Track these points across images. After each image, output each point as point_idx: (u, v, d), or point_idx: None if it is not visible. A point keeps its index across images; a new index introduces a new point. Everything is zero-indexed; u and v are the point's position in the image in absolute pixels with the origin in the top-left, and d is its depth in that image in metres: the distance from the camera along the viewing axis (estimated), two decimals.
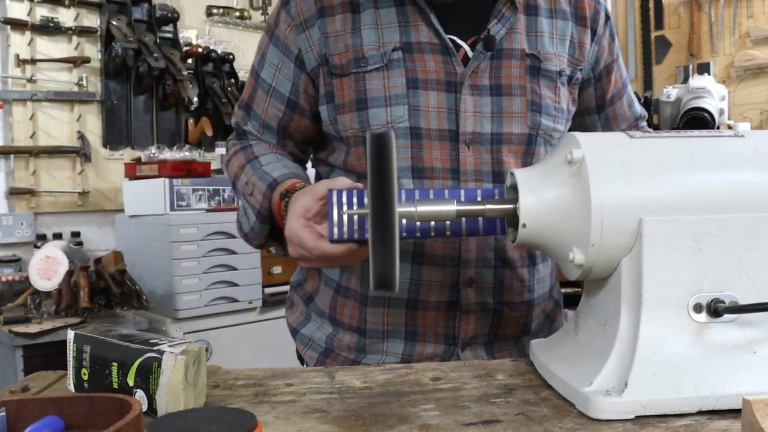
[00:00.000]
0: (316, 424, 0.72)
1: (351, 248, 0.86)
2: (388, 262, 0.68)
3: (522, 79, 1.04)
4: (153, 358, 0.74)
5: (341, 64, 1.03)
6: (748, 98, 3.37)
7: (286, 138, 1.13)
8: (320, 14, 1.05)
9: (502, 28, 1.04)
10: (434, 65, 1.02)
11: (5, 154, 3.08)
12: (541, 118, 1.05)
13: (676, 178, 0.75)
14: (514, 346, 1.11)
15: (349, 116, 1.03)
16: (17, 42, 3.10)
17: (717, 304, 0.72)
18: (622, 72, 1.20)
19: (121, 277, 2.65)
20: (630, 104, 1.22)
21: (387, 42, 1.02)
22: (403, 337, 1.07)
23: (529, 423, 0.70)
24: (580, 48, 1.10)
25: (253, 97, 1.13)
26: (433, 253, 1.03)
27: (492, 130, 1.02)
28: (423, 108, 1.01)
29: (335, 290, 1.11)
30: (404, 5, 1.03)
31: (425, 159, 1.01)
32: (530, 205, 0.77)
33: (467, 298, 1.04)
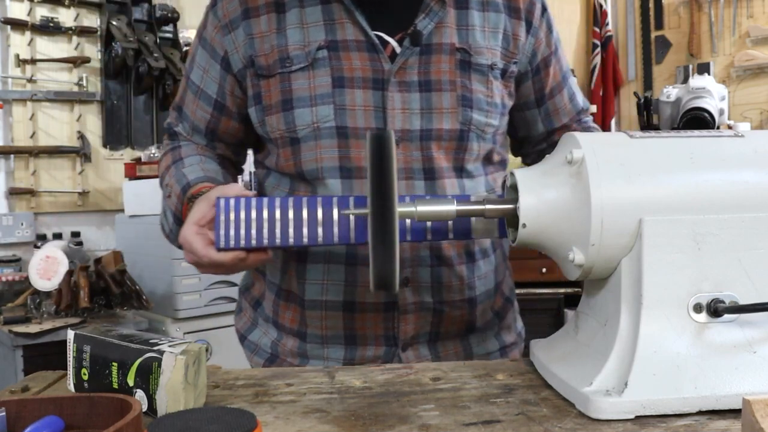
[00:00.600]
0: (316, 424, 0.72)
1: (238, 256, 0.86)
2: (388, 262, 0.68)
3: (452, 74, 1.02)
4: (153, 358, 0.74)
5: (267, 65, 1.02)
6: (748, 98, 3.37)
7: (216, 140, 1.13)
8: (245, 15, 1.04)
9: (430, 22, 1.02)
10: (360, 63, 1.00)
11: (5, 154, 3.08)
12: (472, 113, 1.03)
13: (676, 178, 0.75)
14: (460, 344, 1.10)
15: (275, 117, 1.02)
16: (17, 42, 3.10)
17: (717, 304, 0.72)
18: (562, 64, 1.17)
19: (121, 277, 2.65)
20: (571, 97, 1.19)
21: (312, 41, 1.01)
22: (342, 341, 1.05)
23: (529, 423, 0.70)
24: (514, 40, 1.08)
25: (183, 99, 1.13)
26: (365, 254, 1.01)
27: (421, 127, 1.01)
28: (349, 107, 1.00)
29: (276, 294, 1.10)
30: (330, 3, 1.02)
31: (353, 158, 1.00)
32: (530, 205, 0.77)
33: (404, 298, 1.03)
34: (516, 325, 1.20)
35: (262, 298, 1.14)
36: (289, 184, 1.06)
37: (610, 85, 3.72)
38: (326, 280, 1.03)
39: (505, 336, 1.16)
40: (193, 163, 1.07)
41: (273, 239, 0.86)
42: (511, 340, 1.17)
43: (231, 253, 0.87)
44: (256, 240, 0.86)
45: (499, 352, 1.14)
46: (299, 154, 1.02)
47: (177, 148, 1.12)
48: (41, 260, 2.53)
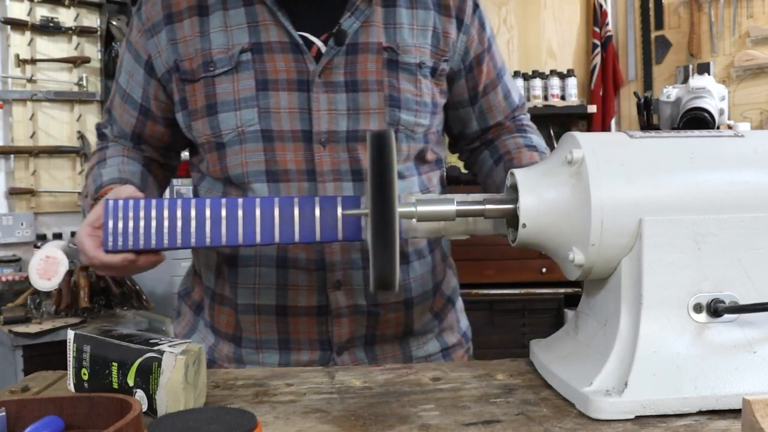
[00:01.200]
0: (316, 424, 0.72)
1: (127, 258, 0.86)
2: (388, 263, 0.68)
3: (379, 74, 1.01)
4: (153, 358, 0.74)
5: (191, 70, 1.01)
6: (748, 98, 3.37)
7: (143, 143, 1.12)
8: (168, 20, 1.03)
9: (356, 21, 1.01)
10: (285, 65, 0.99)
11: (5, 154, 3.08)
12: (400, 113, 1.02)
13: (676, 178, 0.75)
14: (399, 347, 1.09)
15: (201, 122, 1.02)
16: (17, 42, 3.10)
17: (717, 304, 0.72)
18: (497, 61, 1.15)
19: (121, 277, 2.65)
20: (506, 95, 1.16)
21: (236, 44, 1.00)
22: (276, 346, 1.04)
23: (529, 423, 0.70)
24: (444, 38, 1.06)
25: (113, 102, 1.13)
26: (296, 257, 1.00)
27: (348, 128, 1.00)
28: (274, 109, 0.99)
29: (211, 298, 1.09)
30: (253, 5, 1.01)
31: (279, 161, 0.99)
32: (530, 205, 0.77)
33: (337, 301, 1.02)
34: (459, 325, 1.18)
35: (202, 302, 1.12)
36: (221, 189, 1.04)
37: (610, 85, 3.72)
38: (257, 284, 1.02)
39: (447, 337, 1.15)
40: (113, 164, 1.06)
41: (161, 241, 0.85)
42: (454, 341, 1.16)
43: (120, 255, 0.86)
44: (144, 242, 0.85)
45: (441, 354, 1.13)
46: (225, 159, 1.01)
47: (104, 149, 1.12)
48: (41, 260, 2.53)
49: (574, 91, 3.56)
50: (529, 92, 3.55)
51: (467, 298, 1.23)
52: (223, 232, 0.85)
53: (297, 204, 0.85)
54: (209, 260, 1.08)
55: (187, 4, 1.03)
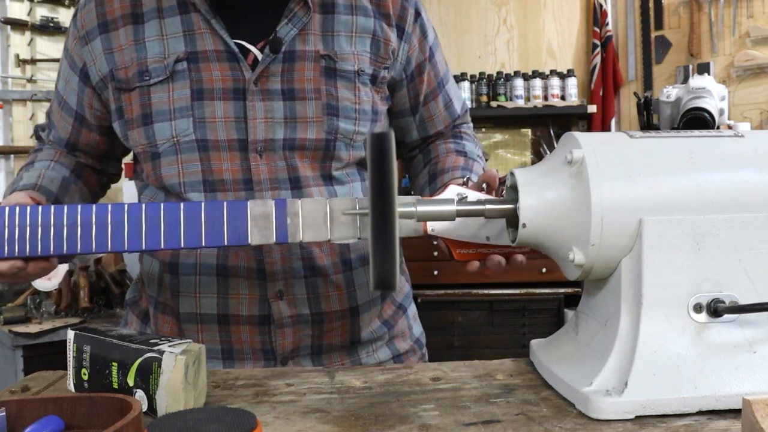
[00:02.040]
0: (316, 424, 0.72)
1: (16, 264, 0.85)
2: (388, 262, 0.68)
3: (316, 82, 1.00)
4: (153, 358, 0.74)
5: (126, 78, 1.00)
6: (748, 98, 3.37)
7: (77, 150, 1.11)
8: (103, 29, 1.02)
9: (292, 28, 1.00)
10: (220, 74, 0.98)
11: (5, 154, 3.08)
12: (338, 122, 1.01)
13: (676, 178, 0.75)
14: (347, 356, 1.08)
15: (137, 131, 1.01)
16: (17, 42, 3.10)
17: (717, 304, 0.72)
18: (438, 70, 1.14)
19: (121, 277, 2.66)
20: (447, 104, 1.16)
21: (171, 53, 0.99)
22: (220, 356, 1.03)
23: (529, 423, 0.70)
24: (385, 46, 1.05)
25: (52, 108, 1.12)
26: (237, 265, 1.00)
27: (285, 136, 0.99)
28: (209, 119, 0.98)
29: (155, 307, 1.08)
30: (189, 13, 1.00)
31: (215, 171, 0.99)
32: (530, 205, 0.77)
33: (279, 311, 1.01)
34: (412, 332, 1.17)
35: (148, 311, 1.11)
36: (163, 197, 1.04)
37: (610, 85, 3.72)
38: (199, 293, 1.01)
39: (398, 344, 1.14)
40: (37, 169, 1.05)
41: (47, 247, 0.84)
42: (406, 348, 1.15)
43: (7, 262, 0.85)
44: (30, 248, 0.85)
45: (392, 361, 1.12)
46: (160, 169, 1.01)
47: (38, 151, 1.12)
48: None
49: (574, 91, 3.56)
50: (529, 92, 3.55)
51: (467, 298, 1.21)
52: (108, 238, 0.84)
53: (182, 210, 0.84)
54: (152, 269, 1.07)
55: (121, 12, 1.02)
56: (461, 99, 1.20)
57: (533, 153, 3.73)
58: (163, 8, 1.01)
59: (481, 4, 3.79)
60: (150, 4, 1.01)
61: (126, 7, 1.02)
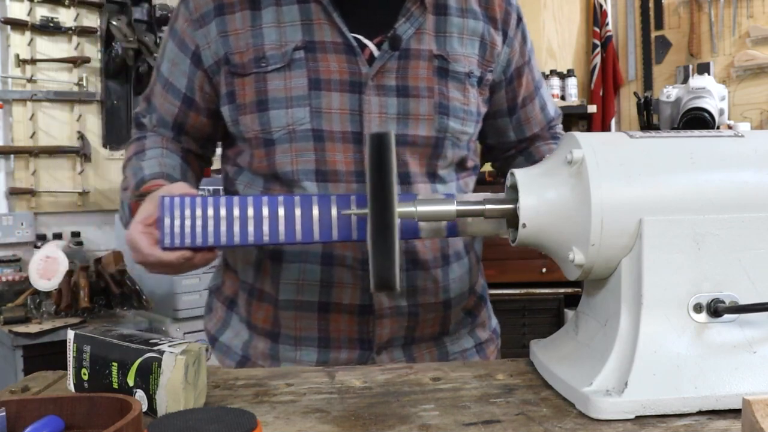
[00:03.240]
0: (316, 424, 0.72)
1: (184, 255, 0.86)
2: (388, 262, 0.68)
3: (429, 81, 1.02)
4: (153, 358, 0.74)
5: (242, 63, 1.00)
6: (748, 98, 3.37)
7: (182, 134, 1.11)
8: (218, 11, 1.02)
9: (410, 27, 1.01)
10: (338, 65, 0.99)
11: (5, 154, 3.08)
12: (448, 121, 1.03)
13: (676, 178, 0.75)
14: (434, 346, 1.10)
15: (250, 117, 1.01)
16: (17, 42, 3.10)
17: (717, 304, 0.72)
18: (535, 74, 1.17)
19: (121, 277, 2.66)
20: (542, 107, 1.19)
21: (288, 41, 0.99)
22: (316, 344, 1.04)
23: (529, 423, 0.70)
24: (491, 49, 1.08)
25: (153, 91, 1.12)
26: (343, 254, 1.00)
27: (397, 132, 1.00)
28: (325, 110, 0.99)
29: (249, 293, 1.08)
30: (307, 3, 1.00)
31: (329, 162, 0.99)
32: (530, 205, 0.77)
33: (380, 302, 1.02)
34: (490, 322, 1.20)
35: (236, 297, 1.12)
36: (262, 184, 1.04)
37: (610, 85, 3.72)
38: (301, 281, 1.02)
39: (479, 333, 1.17)
40: (153, 157, 1.05)
41: (218, 238, 0.85)
42: (486, 337, 1.18)
43: (177, 252, 0.86)
44: (202, 239, 0.85)
45: (475, 349, 1.15)
46: (274, 156, 1.01)
47: (142, 139, 1.11)
48: (41, 260, 2.53)
49: (574, 91, 3.56)
50: None
51: None
52: (280, 230, 0.85)
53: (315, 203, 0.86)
54: (248, 255, 1.07)
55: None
56: (553, 102, 1.24)
57: None
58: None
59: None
60: None
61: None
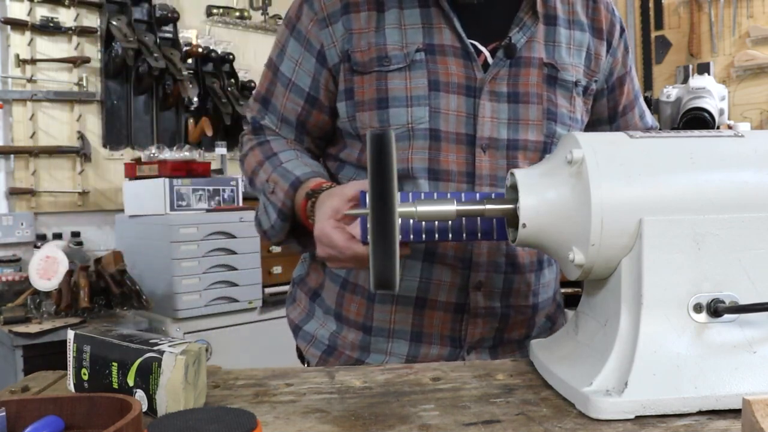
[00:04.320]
0: (316, 424, 0.72)
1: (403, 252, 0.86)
2: (388, 262, 0.68)
3: (539, 88, 1.05)
4: (153, 358, 0.74)
5: (363, 62, 1.03)
6: (748, 98, 3.37)
7: (304, 133, 1.13)
8: (345, 10, 1.05)
9: (522, 36, 1.05)
10: (456, 69, 1.02)
11: (5, 154, 3.08)
12: (556, 127, 1.06)
13: (676, 178, 0.75)
14: (517, 348, 1.12)
15: (368, 114, 1.03)
16: (17, 42, 3.10)
17: (717, 304, 0.72)
18: (635, 84, 1.21)
19: (121, 277, 2.65)
20: (641, 115, 1.23)
21: (410, 42, 1.02)
22: (408, 338, 1.06)
23: (529, 423, 0.70)
24: (596, 59, 1.12)
25: (271, 91, 1.12)
26: (445, 253, 1.03)
27: (508, 136, 1.03)
28: (443, 111, 1.02)
29: (341, 286, 1.10)
30: (428, 7, 1.04)
31: (441, 161, 1.02)
32: (530, 205, 0.77)
33: (476, 301, 1.04)
34: None
35: (320, 289, 1.14)
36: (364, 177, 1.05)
37: None
38: (401, 275, 1.02)
39: None
40: (291, 158, 1.07)
41: (419, 233, 0.87)
42: None
43: None
44: (403, 233, 0.86)
45: None
46: None
47: (265, 142, 1.12)
48: (41, 260, 2.53)
49: None
50: None
51: None
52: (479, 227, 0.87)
53: None
54: None
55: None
56: (650, 113, 1.27)
57: None
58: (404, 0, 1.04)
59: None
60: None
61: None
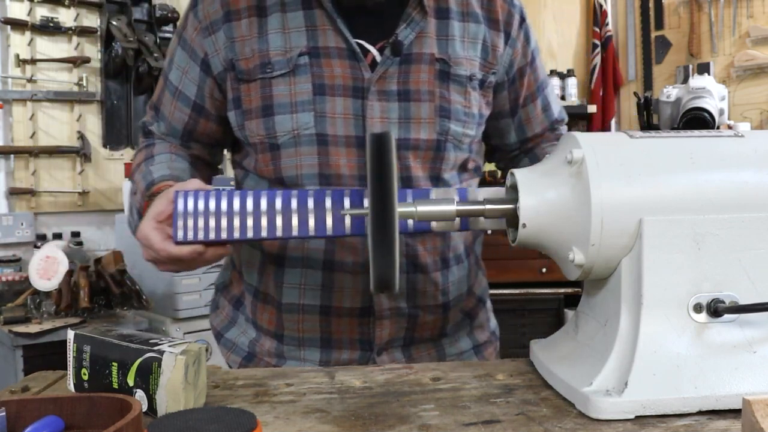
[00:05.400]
0: (316, 424, 0.72)
1: (196, 250, 0.86)
2: (388, 263, 0.68)
3: (431, 84, 1.02)
4: (153, 358, 0.74)
5: (248, 69, 1.02)
6: (748, 98, 3.36)
7: (192, 141, 1.12)
8: (226, 18, 1.03)
9: (411, 32, 1.02)
10: (341, 70, 1.00)
11: (5, 154, 3.08)
12: (450, 124, 1.03)
13: (676, 178, 0.75)
14: (433, 347, 1.11)
15: (255, 122, 1.02)
16: (17, 42, 3.10)
17: (717, 304, 0.72)
18: (538, 74, 1.17)
19: (121, 277, 2.66)
20: (545, 107, 1.19)
21: (294, 47, 1.01)
22: (319, 344, 1.06)
23: (529, 423, 0.70)
24: (493, 51, 1.09)
25: (161, 99, 1.12)
26: (343, 260, 1.02)
27: (399, 136, 1.01)
28: (329, 114, 1.00)
29: (254, 295, 1.10)
30: (312, 9, 1.02)
31: (332, 166, 1.00)
32: (530, 205, 0.77)
33: (380, 304, 1.04)
34: (489, 324, 1.21)
35: (242, 297, 1.14)
36: (267, 187, 1.05)
37: (610, 85, 3.72)
38: (303, 285, 1.04)
39: (477, 335, 1.17)
40: (162, 161, 1.06)
41: (231, 232, 0.85)
42: (485, 339, 1.18)
43: (189, 247, 0.86)
44: (215, 233, 0.85)
45: (473, 351, 1.16)
46: (279, 160, 1.02)
47: (150, 146, 1.12)
48: (41, 260, 2.53)
49: (574, 91, 3.56)
50: None
51: None
52: (293, 224, 0.85)
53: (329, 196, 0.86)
54: (252, 258, 1.09)
55: (246, 3, 1.03)
56: (559, 104, 1.24)
57: None
58: (286, 2, 1.03)
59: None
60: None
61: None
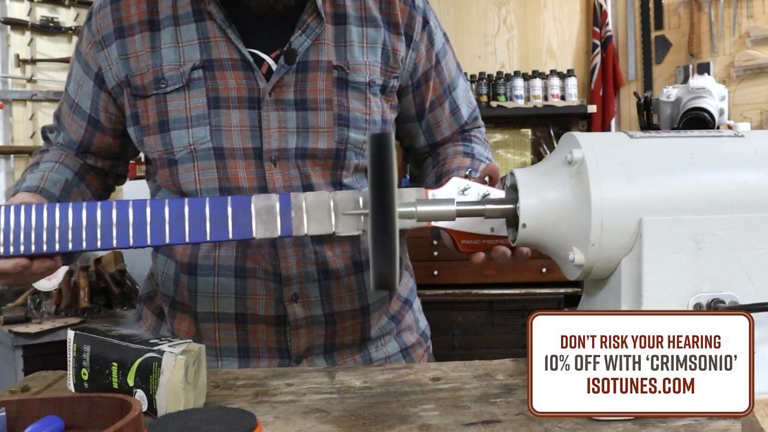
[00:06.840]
0: (316, 424, 0.72)
1: (20, 263, 0.84)
2: (388, 262, 0.68)
3: (328, 93, 1.01)
4: (153, 358, 0.74)
5: (143, 85, 1.01)
6: (748, 98, 3.36)
7: (89, 153, 1.11)
8: (119, 34, 1.02)
9: (306, 39, 1.01)
10: (236, 82, 0.99)
11: (5, 154, 3.08)
12: (349, 132, 1.02)
13: (676, 178, 0.75)
14: (357, 352, 1.10)
15: (153, 138, 1.02)
16: (17, 42, 3.10)
17: (717, 304, 0.72)
18: (444, 77, 1.14)
19: (121, 277, 2.66)
20: (453, 110, 1.16)
21: (187, 60, 1.00)
22: (236, 354, 1.05)
23: (529, 423, 0.70)
24: (394, 55, 1.07)
25: (61, 111, 1.12)
26: (255, 267, 1.01)
27: (297, 145, 1.00)
28: (225, 127, 0.99)
29: (170, 305, 1.09)
30: (204, 21, 1.01)
31: (231, 179, 1.00)
32: (530, 205, 0.77)
33: (294, 313, 1.03)
34: (418, 325, 1.19)
35: (164, 308, 1.12)
36: None
37: (610, 85, 3.72)
38: (217, 293, 1.03)
39: (405, 337, 1.16)
40: (41, 170, 1.04)
41: (53, 245, 0.84)
42: (413, 341, 1.17)
43: (11, 261, 0.85)
44: (36, 246, 0.84)
45: (401, 354, 1.14)
46: (177, 175, 1.02)
47: (44, 152, 1.11)
48: None
49: (574, 91, 3.56)
50: (529, 92, 3.55)
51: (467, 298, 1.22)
52: (113, 234, 0.84)
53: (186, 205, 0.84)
54: (167, 269, 1.08)
55: (137, 18, 1.02)
56: (471, 104, 1.20)
57: (533, 153, 3.73)
58: (179, 16, 1.01)
59: (481, 4, 3.79)
60: (166, 12, 1.02)
61: (143, 14, 1.02)
